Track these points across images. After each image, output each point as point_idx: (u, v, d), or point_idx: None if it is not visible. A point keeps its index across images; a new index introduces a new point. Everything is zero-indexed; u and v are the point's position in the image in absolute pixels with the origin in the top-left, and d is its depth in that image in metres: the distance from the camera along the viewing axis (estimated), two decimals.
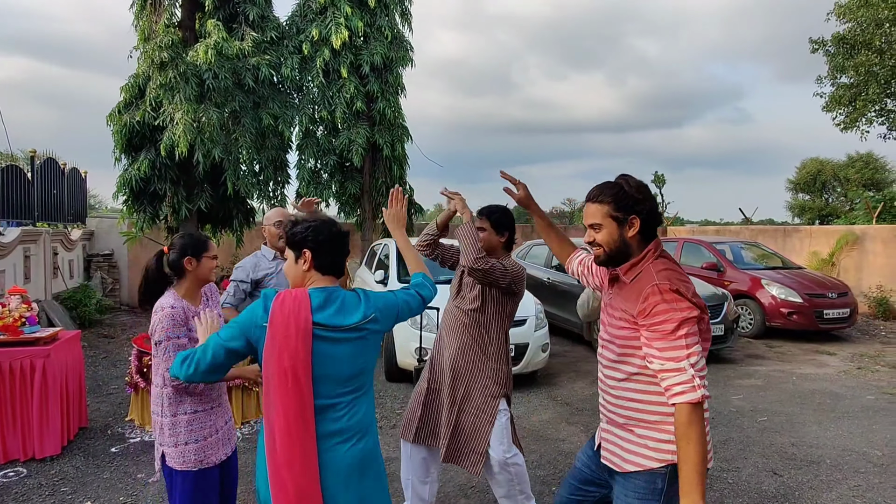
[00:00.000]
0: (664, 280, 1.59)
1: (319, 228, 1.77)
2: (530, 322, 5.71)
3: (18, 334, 3.66)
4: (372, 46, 9.03)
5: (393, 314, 1.84)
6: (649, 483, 1.64)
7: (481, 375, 2.70)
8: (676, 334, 1.53)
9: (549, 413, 4.93)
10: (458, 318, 2.76)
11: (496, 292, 2.68)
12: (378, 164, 9.60)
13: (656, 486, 1.64)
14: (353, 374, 1.70)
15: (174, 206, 7.91)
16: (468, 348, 2.72)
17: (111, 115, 7.80)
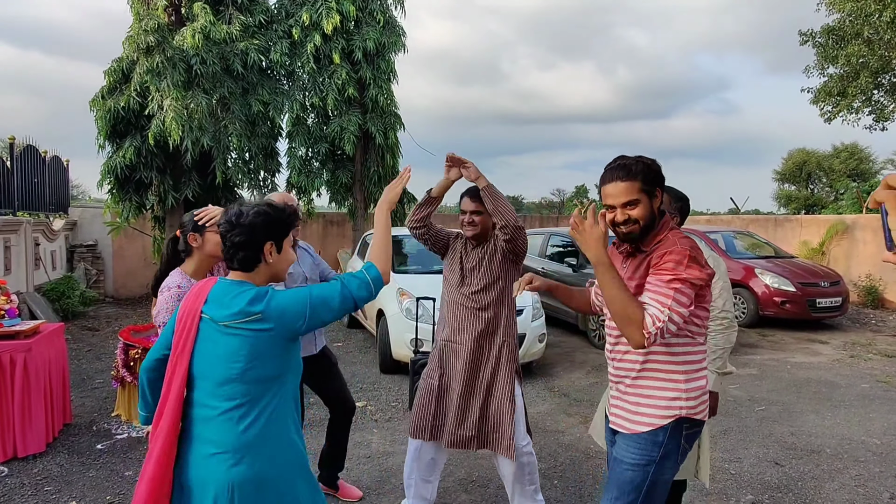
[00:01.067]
0: (685, 246, 1.72)
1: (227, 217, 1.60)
2: (527, 312, 5.63)
3: None
4: (364, 31, 8.83)
5: (298, 317, 1.53)
6: (652, 436, 1.77)
7: (503, 358, 2.67)
8: (670, 285, 1.67)
9: (547, 404, 4.87)
10: (467, 306, 2.67)
11: (507, 264, 2.69)
12: (370, 152, 9.44)
13: (657, 438, 1.76)
14: (228, 379, 1.50)
15: (160, 194, 7.71)
16: (487, 334, 2.66)
17: (94, 101, 7.55)
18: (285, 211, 1.61)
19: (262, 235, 1.56)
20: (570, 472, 3.57)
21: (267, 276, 1.62)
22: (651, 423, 1.77)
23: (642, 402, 1.80)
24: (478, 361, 2.67)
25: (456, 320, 2.70)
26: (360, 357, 6.34)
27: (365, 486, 3.32)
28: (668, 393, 1.76)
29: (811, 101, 14.72)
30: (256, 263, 1.59)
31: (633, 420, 1.81)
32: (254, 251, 1.57)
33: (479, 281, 2.67)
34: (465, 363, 2.66)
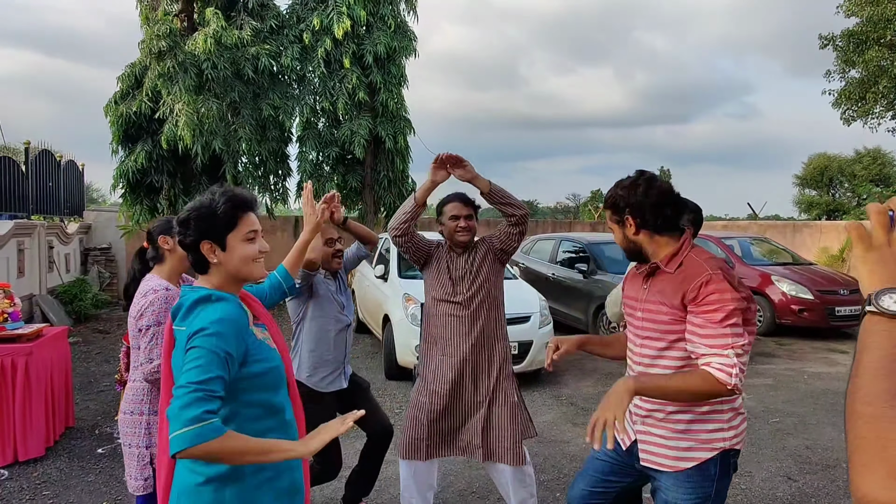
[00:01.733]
0: (716, 269, 1.63)
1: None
2: (534, 319, 5.55)
3: (0, 330, 3.52)
4: (375, 36, 8.84)
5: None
6: (703, 471, 1.68)
7: (500, 363, 2.61)
8: (724, 324, 1.56)
9: (554, 413, 4.78)
10: (459, 316, 2.58)
11: (496, 266, 2.66)
12: (380, 156, 9.43)
13: (709, 472, 1.68)
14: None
15: (171, 198, 7.77)
16: (483, 342, 2.59)
17: (108, 106, 7.64)
18: (217, 203, 1.39)
19: (196, 235, 1.39)
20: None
21: (223, 277, 1.43)
22: (696, 458, 1.68)
23: (682, 437, 1.70)
24: (476, 371, 2.59)
25: (448, 332, 2.60)
26: (366, 363, 6.30)
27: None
28: (710, 426, 1.68)
29: (832, 105, 14.44)
30: (206, 265, 1.42)
31: (677, 457, 1.70)
32: (196, 253, 1.41)
33: (470, 289, 2.59)
34: (464, 375, 2.58)
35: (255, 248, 1.43)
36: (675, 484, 1.72)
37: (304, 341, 2.75)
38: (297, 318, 2.77)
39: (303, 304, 2.73)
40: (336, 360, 2.77)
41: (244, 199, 1.44)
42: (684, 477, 1.70)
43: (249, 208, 1.45)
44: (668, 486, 1.74)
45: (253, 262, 1.43)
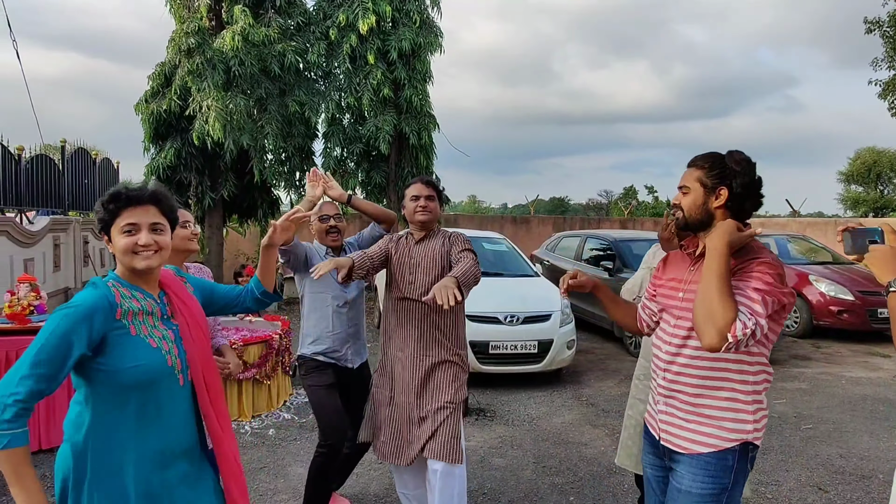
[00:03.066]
0: (773, 258, 1.62)
1: None
2: (555, 317, 5.44)
3: (26, 323, 3.63)
4: (400, 32, 8.81)
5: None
6: (721, 460, 1.64)
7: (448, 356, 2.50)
8: (760, 293, 1.54)
9: (573, 414, 4.67)
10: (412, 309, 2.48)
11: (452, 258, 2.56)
12: (404, 152, 9.41)
13: (727, 462, 1.64)
14: None
15: (199, 195, 7.93)
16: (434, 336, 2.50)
17: (139, 105, 7.84)
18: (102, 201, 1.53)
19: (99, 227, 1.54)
20: (588, 487, 3.37)
21: (121, 268, 1.55)
22: (715, 445, 1.64)
23: (704, 421, 1.66)
24: (417, 369, 2.46)
25: (403, 326, 2.50)
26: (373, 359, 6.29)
27: (372, 493, 3.24)
28: (732, 414, 1.64)
29: (879, 96, 13.76)
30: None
31: (695, 440, 1.67)
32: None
33: (422, 282, 2.45)
34: (405, 372, 2.47)
35: (132, 240, 1.48)
36: (690, 470, 1.67)
37: (305, 315, 2.81)
38: (300, 293, 2.83)
39: (302, 280, 2.78)
40: (338, 335, 2.77)
41: (119, 195, 1.51)
42: (702, 463, 1.65)
43: (127, 205, 1.50)
44: (682, 472, 1.69)
45: (131, 254, 1.48)
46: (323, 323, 2.76)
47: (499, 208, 49.33)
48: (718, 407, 1.65)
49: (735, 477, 1.66)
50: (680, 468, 1.70)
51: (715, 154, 1.72)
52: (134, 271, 1.52)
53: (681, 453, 1.70)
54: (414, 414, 2.46)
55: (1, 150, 6.43)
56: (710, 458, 1.65)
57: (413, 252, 2.52)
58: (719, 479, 1.65)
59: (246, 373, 4.33)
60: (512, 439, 4.11)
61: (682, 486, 1.68)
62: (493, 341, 5.21)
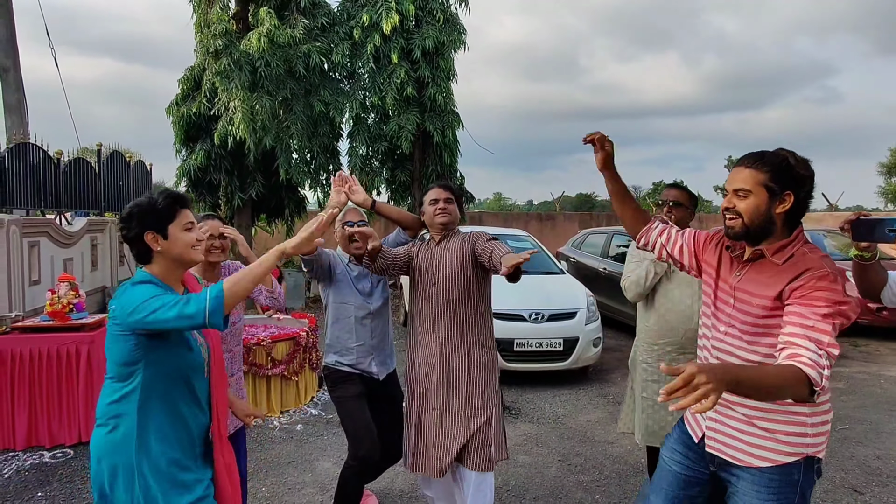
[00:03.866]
0: (835, 269, 1.50)
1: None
2: (581, 315, 5.40)
3: (66, 320, 3.77)
4: (423, 30, 8.83)
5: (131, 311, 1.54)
6: (785, 476, 1.56)
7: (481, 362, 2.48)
8: (828, 321, 1.41)
9: (599, 412, 4.63)
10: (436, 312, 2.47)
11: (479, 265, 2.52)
12: (428, 151, 9.44)
13: (792, 477, 1.56)
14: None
15: (228, 195, 8.10)
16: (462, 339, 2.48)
17: (170, 108, 8.05)
18: (157, 200, 1.65)
19: (138, 227, 1.63)
20: (614, 486, 3.35)
21: (167, 264, 1.66)
22: (773, 460, 1.56)
23: (760, 433, 1.57)
24: (445, 373, 2.43)
25: (429, 329, 2.48)
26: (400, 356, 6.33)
27: (398, 489, 3.27)
28: (790, 427, 1.55)
29: None
30: (149, 254, 1.65)
31: (752, 454, 1.59)
32: (139, 243, 1.64)
33: (444, 283, 2.44)
34: (433, 376, 2.44)
35: (193, 236, 1.67)
36: (753, 485, 1.58)
37: (329, 325, 2.76)
38: (324, 302, 2.82)
39: (326, 289, 2.76)
40: (362, 347, 2.72)
41: (181, 196, 1.70)
42: (766, 480, 1.56)
43: (185, 205, 1.69)
44: (744, 488, 1.60)
45: (192, 248, 1.66)
46: (346, 334, 2.71)
47: (524, 205, 49.05)
48: (776, 420, 1.56)
49: (801, 491, 1.57)
50: (741, 484, 1.62)
51: (776, 155, 1.59)
52: (189, 264, 1.69)
53: (738, 466, 1.62)
54: (445, 420, 2.43)
55: (42, 155, 6.68)
56: (774, 473, 1.56)
57: (434, 253, 2.52)
58: (785, 495, 1.56)
59: (274, 369, 4.42)
60: (537, 437, 4.10)
61: (744, 502, 1.60)
62: (517, 339, 5.20)
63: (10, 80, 8.33)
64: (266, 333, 4.60)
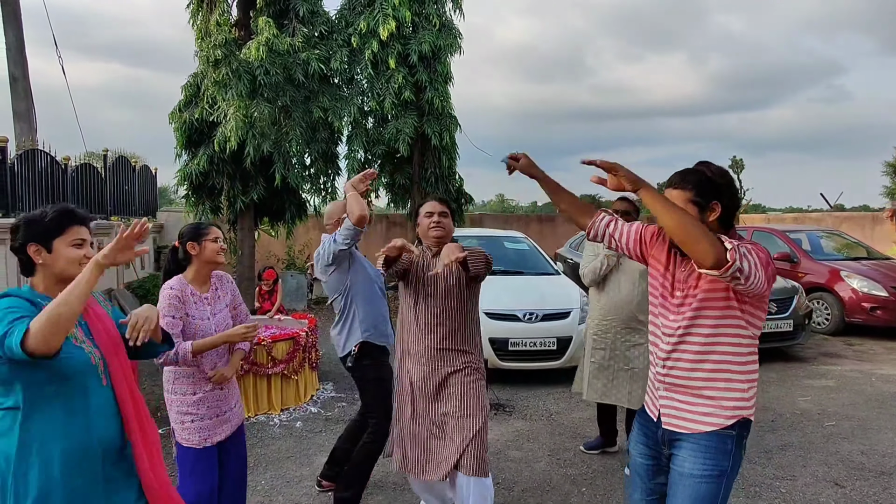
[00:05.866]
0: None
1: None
2: (574, 314, 5.50)
3: None
4: (420, 35, 8.95)
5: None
6: (721, 444, 1.74)
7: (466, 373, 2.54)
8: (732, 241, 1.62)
9: (591, 410, 4.70)
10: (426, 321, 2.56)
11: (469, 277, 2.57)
12: (427, 154, 9.55)
13: (726, 447, 1.74)
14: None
15: (230, 199, 8.23)
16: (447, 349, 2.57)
17: (172, 114, 8.18)
18: (47, 213, 1.64)
19: (22, 238, 1.62)
20: (601, 479, 3.46)
21: (49, 278, 1.63)
22: (716, 424, 1.74)
23: (705, 402, 1.77)
24: (438, 379, 2.52)
25: (415, 339, 2.57)
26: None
27: (391, 481, 3.39)
28: (730, 394, 1.75)
29: None
30: (32, 267, 1.64)
31: (697, 420, 1.77)
32: (23, 254, 1.63)
33: (439, 292, 2.53)
34: (427, 383, 2.53)
35: (81, 253, 1.63)
36: (692, 452, 1.77)
37: (360, 305, 2.92)
38: (345, 286, 2.92)
39: (345, 271, 2.91)
40: (386, 316, 3.00)
41: (74, 212, 1.67)
42: (703, 446, 1.75)
43: (79, 222, 1.66)
44: (684, 456, 1.78)
45: (79, 265, 1.61)
46: (375, 308, 2.96)
47: (528, 206, 49.03)
48: (717, 388, 1.75)
49: (733, 461, 1.77)
50: (681, 452, 1.80)
51: (696, 172, 1.79)
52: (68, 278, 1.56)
53: (683, 434, 1.79)
54: (439, 425, 2.50)
55: (49, 161, 6.85)
56: (710, 440, 1.75)
57: (430, 264, 2.59)
58: (719, 461, 1.75)
59: (274, 368, 4.54)
60: (529, 433, 4.21)
61: (683, 469, 1.78)
62: (512, 338, 5.31)
63: (19, 89, 8.52)
64: (267, 333, 4.73)
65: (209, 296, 2.43)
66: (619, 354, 3.51)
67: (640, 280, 3.43)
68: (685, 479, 1.77)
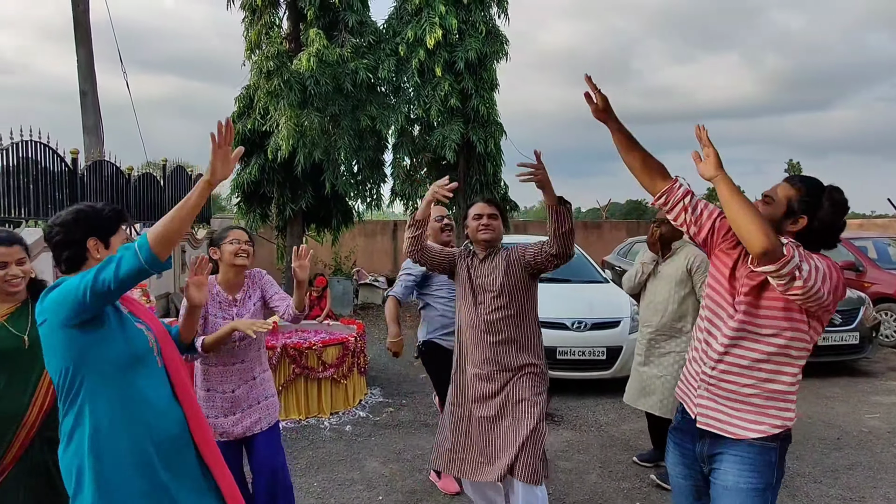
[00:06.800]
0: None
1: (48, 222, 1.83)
2: (624, 324, 5.39)
3: None
4: (466, 43, 9.01)
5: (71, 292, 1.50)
6: (765, 456, 1.69)
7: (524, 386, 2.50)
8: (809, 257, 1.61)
9: (643, 422, 4.58)
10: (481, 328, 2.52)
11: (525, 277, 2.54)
12: (472, 161, 9.58)
13: (770, 459, 1.70)
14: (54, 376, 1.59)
15: (280, 206, 8.48)
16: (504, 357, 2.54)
17: None
18: (104, 210, 1.70)
19: (80, 233, 1.64)
20: (655, 494, 3.36)
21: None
22: (760, 431, 1.69)
23: (750, 409, 1.72)
24: (495, 385, 2.49)
25: (472, 344, 2.54)
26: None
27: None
28: (778, 404, 1.71)
29: None
30: (82, 262, 1.64)
31: (740, 426, 1.72)
32: (76, 249, 1.63)
33: (492, 298, 2.50)
34: (482, 391, 2.51)
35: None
36: (735, 464, 1.71)
37: (439, 308, 3.29)
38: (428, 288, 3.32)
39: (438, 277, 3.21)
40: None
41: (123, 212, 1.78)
42: (746, 458, 1.70)
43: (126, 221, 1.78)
44: (727, 468, 1.72)
45: None
46: (450, 311, 3.19)
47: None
48: (769, 398, 1.71)
49: (777, 475, 1.72)
50: (723, 465, 1.74)
51: (816, 183, 1.73)
52: None
53: (723, 446, 1.73)
54: (495, 430, 2.47)
55: (114, 171, 7.23)
56: (753, 451, 1.69)
57: (480, 271, 2.56)
58: (764, 474, 1.69)
59: (325, 372, 4.64)
60: (579, 444, 4.14)
61: (727, 483, 1.72)
62: (560, 347, 5.24)
63: (89, 104, 9.04)
64: (317, 338, 4.83)
65: (238, 297, 2.50)
66: (653, 361, 3.50)
67: (676, 287, 3.41)
68: (730, 492, 1.71)
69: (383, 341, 7.47)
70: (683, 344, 3.40)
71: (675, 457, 1.91)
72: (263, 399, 2.53)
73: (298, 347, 4.55)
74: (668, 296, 3.43)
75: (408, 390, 5.32)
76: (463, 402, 2.59)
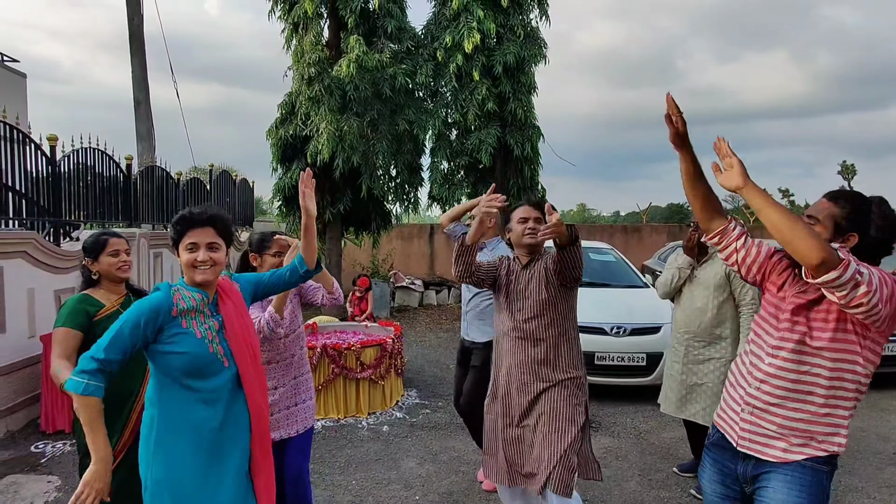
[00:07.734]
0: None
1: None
2: (665, 329, 5.27)
3: None
4: (504, 47, 9.01)
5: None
6: (816, 478, 1.64)
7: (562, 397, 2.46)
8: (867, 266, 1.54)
9: (681, 430, 4.47)
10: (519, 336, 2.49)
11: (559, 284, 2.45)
12: (509, 164, 9.56)
13: (821, 481, 1.64)
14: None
15: (319, 210, 8.65)
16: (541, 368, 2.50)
17: (269, 131, 8.77)
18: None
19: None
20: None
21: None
22: (807, 454, 1.63)
23: (798, 433, 1.64)
24: (532, 394, 2.45)
25: (509, 351, 2.51)
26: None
27: (477, 491, 3.40)
28: (826, 428, 1.63)
29: None
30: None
31: (786, 449, 1.65)
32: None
33: (530, 307, 2.46)
34: (521, 396, 2.48)
35: (192, 257, 1.77)
36: (785, 486, 1.63)
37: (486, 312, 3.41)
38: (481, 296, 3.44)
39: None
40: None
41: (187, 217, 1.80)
42: (797, 479, 1.63)
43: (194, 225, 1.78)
44: (776, 488, 1.65)
45: (189, 267, 1.77)
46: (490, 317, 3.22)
47: (610, 216, 47.63)
48: (814, 422, 1.63)
49: (827, 495, 1.67)
50: (772, 484, 1.67)
51: (859, 196, 1.68)
52: (190, 280, 1.80)
53: (770, 467, 1.67)
54: (532, 439, 2.45)
55: (164, 175, 7.55)
56: (805, 473, 1.63)
57: (520, 278, 2.53)
58: (816, 497, 1.64)
59: (363, 373, 4.71)
60: (617, 451, 4.08)
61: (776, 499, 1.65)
62: (598, 352, 5.17)
63: (142, 112, 9.46)
64: (356, 339, 4.92)
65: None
66: (691, 368, 3.44)
67: (715, 293, 3.34)
68: None
69: (420, 343, 7.55)
70: (722, 350, 3.33)
71: (713, 474, 1.85)
72: (301, 402, 2.58)
73: (337, 348, 4.64)
74: (707, 301, 3.38)
75: (444, 392, 5.34)
76: (499, 413, 2.56)
